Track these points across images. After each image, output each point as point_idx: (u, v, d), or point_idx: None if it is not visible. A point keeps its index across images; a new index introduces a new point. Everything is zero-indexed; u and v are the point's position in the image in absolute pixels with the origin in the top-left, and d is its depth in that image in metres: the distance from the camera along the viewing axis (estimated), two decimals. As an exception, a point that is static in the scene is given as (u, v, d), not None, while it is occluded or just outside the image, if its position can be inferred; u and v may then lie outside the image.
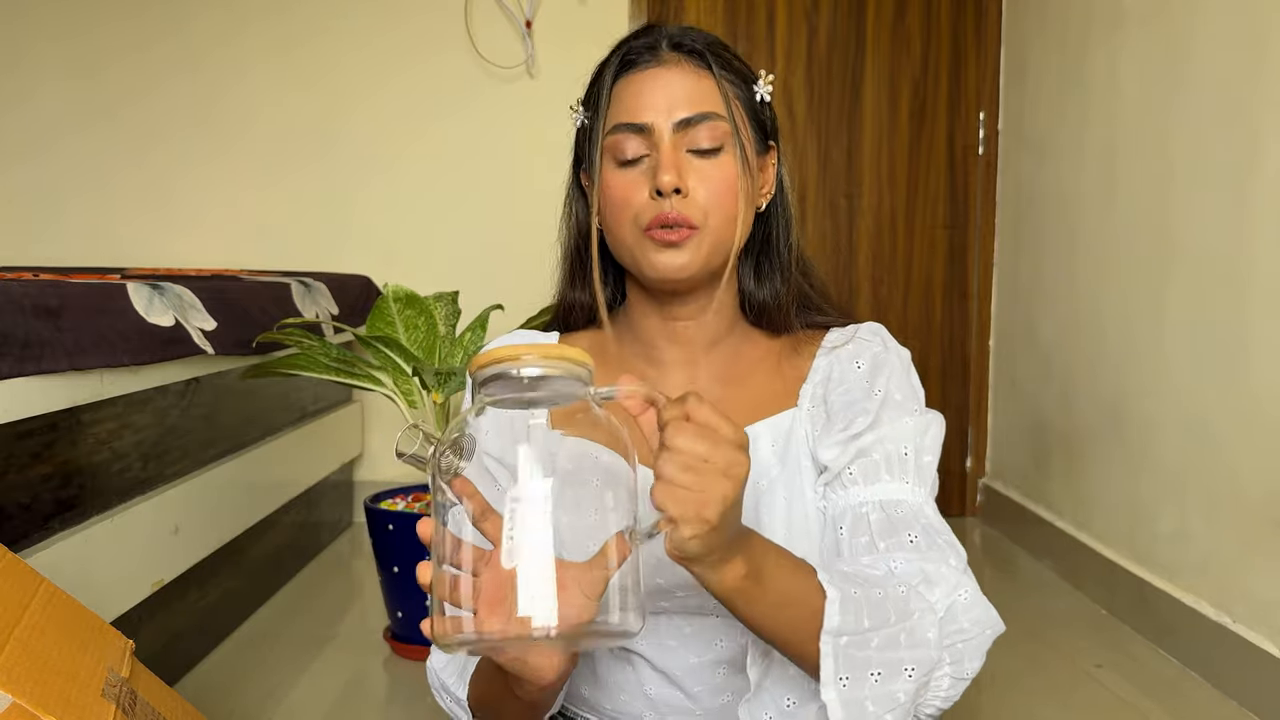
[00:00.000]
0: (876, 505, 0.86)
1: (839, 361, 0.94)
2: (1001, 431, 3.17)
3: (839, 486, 0.89)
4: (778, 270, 0.96)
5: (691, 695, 0.94)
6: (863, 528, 0.86)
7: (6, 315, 1.35)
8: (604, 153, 0.90)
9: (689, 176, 0.87)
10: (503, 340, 0.99)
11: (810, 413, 0.93)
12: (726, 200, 0.88)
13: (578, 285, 0.99)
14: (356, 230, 3.10)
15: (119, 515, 1.63)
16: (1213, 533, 2.00)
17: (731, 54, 0.92)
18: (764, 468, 0.91)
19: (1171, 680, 2.00)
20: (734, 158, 0.88)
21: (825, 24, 3.17)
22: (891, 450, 0.88)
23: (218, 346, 1.87)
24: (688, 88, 0.88)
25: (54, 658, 0.92)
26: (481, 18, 3.05)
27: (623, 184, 0.89)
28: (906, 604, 0.77)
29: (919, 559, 0.82)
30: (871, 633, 0.74)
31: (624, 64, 0.91)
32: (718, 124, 0.88)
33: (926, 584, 0.80)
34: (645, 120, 0.88)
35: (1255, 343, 1.87)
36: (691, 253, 0.87)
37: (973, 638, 0.80)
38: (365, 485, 3.02)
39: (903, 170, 3.22)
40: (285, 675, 1.98)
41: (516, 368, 0.63)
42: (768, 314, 0.96)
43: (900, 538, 0.84)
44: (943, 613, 0.79)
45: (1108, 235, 2.44)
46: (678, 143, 0.87)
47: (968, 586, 0.81)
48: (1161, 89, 2.21)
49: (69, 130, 3.09)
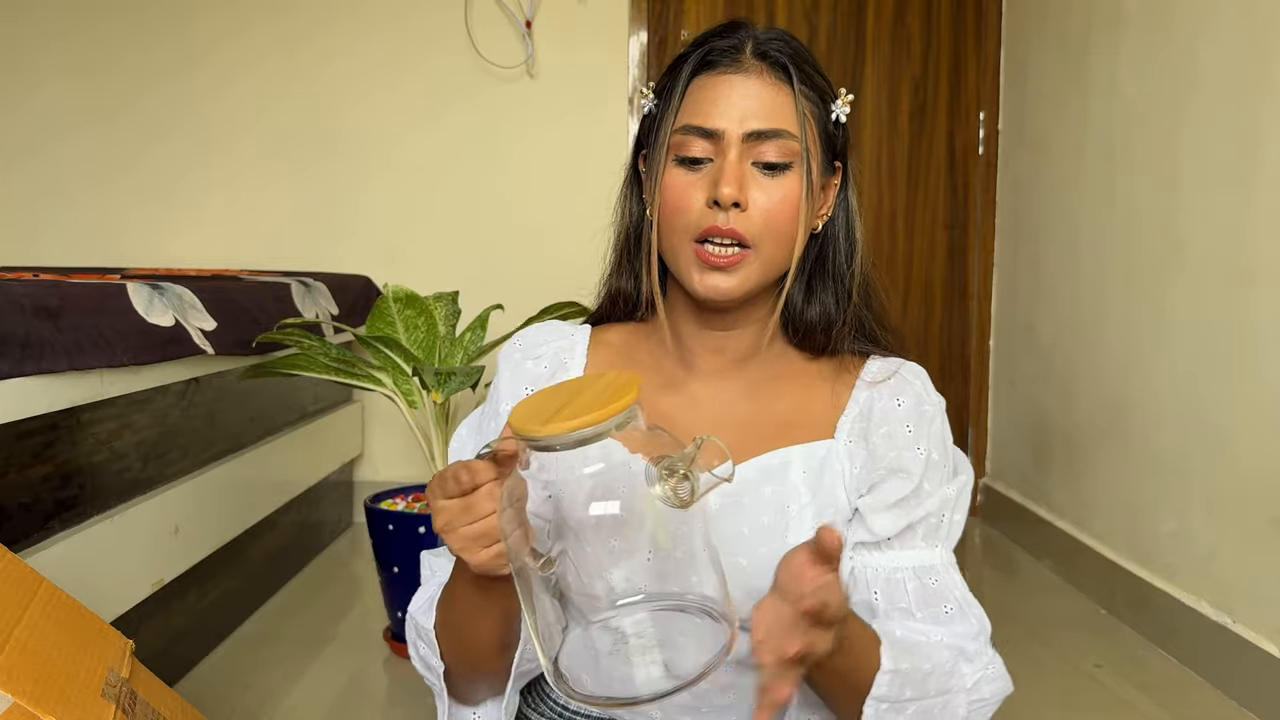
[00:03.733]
0: (912, 573, 0.90)
1: (880, 398, 0.92)
2: (1001, 431, 3.17)
3: (874, 549, 0.91)
4: (831, 292, 0.94)
5: (697, 692, 0.94)
6: (900, 595, 0.90)
7: (6, 315, 1.35)
8: (669, 150, 0.87)
9: (750, 189, 0.85)
10: (532, 336, 1.00)
11: (849, 449, 0.92)
12: (784, 220, 0.86)
13: (624, 275, 0.97)
14: (356, 230, 3.11)
15: (119, 515, 1.63)
16: (1213, 533, 2.00)
17: (814, 69, 0.89)
18: (794, 492, 0.90)
19: (1171, 680, 2.00)
20: (799, 178, 0.86)
21: (825, 24, 3.17)
22: (932, 522, 0.91)
23: (218, 346, 1.87)
24: (765, 99, 0.85)
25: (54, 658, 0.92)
26: (481, 18, 3.05)
27: (682, 186, 0.86)
28: (948, 681, 0.86)
29: (957, 635, 0.89)
30: (911, 702, 0.83)
31: (704, 63, 0.87)
32: (788, 142, 0.85)
33: (965, 659, 0.88)
34: (716, 126, 0.85)
35: (1255, 342, 1.87)
36: (741, 278, 0.86)
37: (989, 702, 0.89)
38: (365, 485, 3.02)
39: (903, 170, 3.22)
40: (285, 675, 1.98)
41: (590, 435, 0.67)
42: (812, 335, 0.94)
43: (936, 609, 0.89)
44: (970, 686, 0.87)
45: (1108, 235, 2.44)
46: (744, 153, 0.85)
47: (994, 663, 0.90)
48: (1162, 88, 2.21)
49: (69, 130, 3.09)
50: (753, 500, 0.89)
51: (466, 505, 0.73)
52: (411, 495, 2.23)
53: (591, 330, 1.01)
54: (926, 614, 0.89)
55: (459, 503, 0.73)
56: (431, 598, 0.92)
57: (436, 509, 0.74)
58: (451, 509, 0.73)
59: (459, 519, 0.73)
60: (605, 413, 0.66)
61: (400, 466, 3.07)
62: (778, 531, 0.88)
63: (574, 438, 0.66)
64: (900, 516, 0.89)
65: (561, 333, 1.01)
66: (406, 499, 2.20)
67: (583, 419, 0.66)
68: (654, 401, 0.93)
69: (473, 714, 0.95)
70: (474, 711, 0.95)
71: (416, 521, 2.02)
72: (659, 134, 0.89)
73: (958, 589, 0.91)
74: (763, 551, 0.87)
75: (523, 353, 0.99)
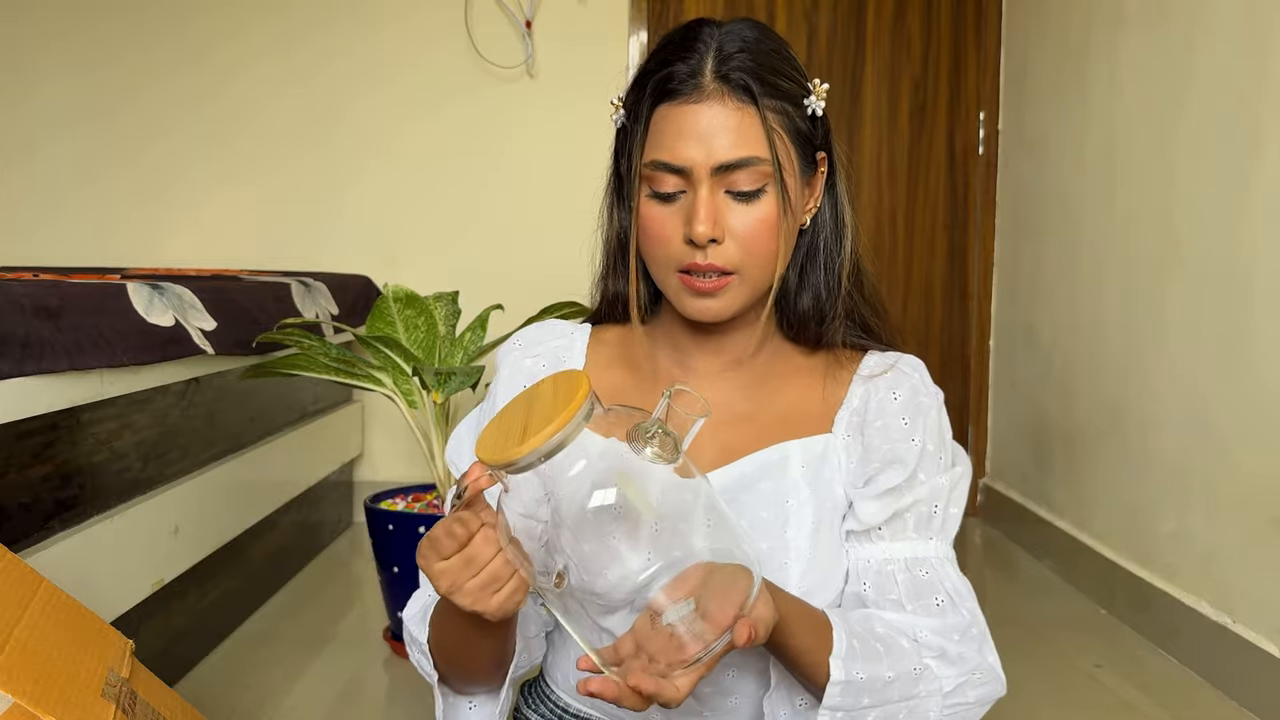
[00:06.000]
0: (902, 565, 0.89)
1: (876, 391, 0.92)
2: (1001, 431, 3.17)
3: (864, 540, 0.90)
4: (821, 279, 0.93)
5: (700, 696, 0.94)
6: (890, 587, 0.89)
7: (6, 315, 1.35)
8: (641, 181, 0.87)
9: (726, 219, 0.84)
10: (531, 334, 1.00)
11: (846, 443, 0.92)
12: (764, 243, 0.85)
13: (615, 278, 0.97)
14: (357, 230, 3.10)
15: (119, 515, 1.63)
16: (1213, 532, 2.00)
17: (781, 72, 0.86)
18: (793, 487, 0.90)
19: (1171, 680, 2.00)
20: (775, 196, 0.85)
21: (825, 24, 3.17)
22: (924, 510, 0.90)
23: (218, 346, 1.87)
24: (730, 127, 0.83)
25: (54, 658, 0.92)
26: (481, 17, 3.05)
27: (659, 220, 0.86)
28: (915, 685, 0.84)
29: (943, 630, 0.87)
30: (870, 709, 0.81)
31: (665, 92, 0.85)
32: (759, 167, 0.84)
33: (943, 661, 0.86)
34: (684, 163, 0.84)
35: (1256, 342, 1.87)
36: (727, 300, 0.86)
37: (973, 705, 0.87)
38: (365, 485, 3.02)
39: (903, 170, 3.22)
40: (285, 675, 1.98)
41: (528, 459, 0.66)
42: (807, 325, 0.94)
43: (927, 601, 0.88)
44: (950, 689, 0.85)
45: (1108, 235, 2.44)
46: (716, 185, 0.84)
47: (981, 667, 0.87)
48: (1162, 88, 2.21)
49: (69, 129, 3.09)
50: (752, 496, 0.89)
51: (468, 559, 0.72)
52: (411, 495, 2.23)
53: (591, 329, 1.01)
54: (917, 606, 0.88)
55: (458, 559, 0.72)
56: (425, 607, 0.92)
57: (436, 573, 0.73)
58: (453, 567, 0.72)
59: (463, 575, 0.72)
60: (569, 412, 0.66)
61: (400, 466, 3.07)
62: (776, 526, 0.88)
63: (551, 445, 0.66)
64: (889, 504, 0.89)
65: (561, 331, 1.01)
66: (406, 499, 2.20)
67: (552, 425, 0.65)
68: (652, 401, 0.93)
69: (469, 706, 0.95)
70: (470, 704, 0.95)
71: (416, 521, 2.02)
72: (631, 160, 0.88)
73: (949, 581, 0.89)
74: (763, 546, 0.87)
75: (521, 350, 0.99)
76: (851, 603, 0.90)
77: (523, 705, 1.05)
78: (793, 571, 0.88)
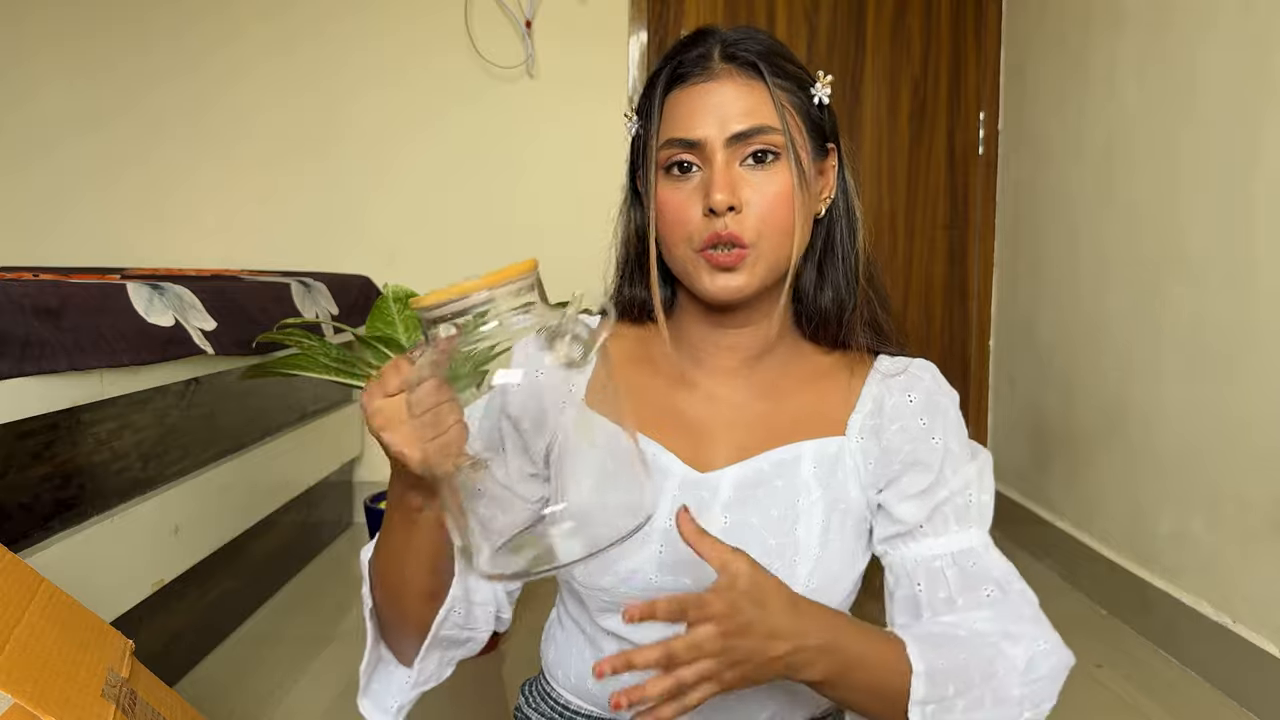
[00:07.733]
0: (950, 559, 0.90)
1: (890, 392, 0.93)
2: (1001, 431, 3.17)
3: (909, 540, 0.91)
4: (841, 275, 0.94)
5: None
6: (940, 584, 0.90)
7: (6, 315, 1.35)
8: (657, 167, 0.89)
9: (743, 190, 0.86)
10: None
11: (861, 445, 0.92)
12: (781, 214, 0.86)
13: (634, 284, 0.97)
14: (356, 230, 3.10)
15: (119, 515, 1.63)
16: (1213, 533, 2.00)
17: (787, 59, 0.90)
18: (804, 486, 0.91)
19: (1171, 680, 2.00)
20: (789, 168, 0.87)
21: (825, 24, 3.17)
22: (959, 502, 0.91)
23: (218, 346, 1.87)
24: (740, 100, 0.86)
25: (54, 658, 0.92)
26: (481, 18, 3.05)
27: (677, 201, 0.87)
28: (991, 665, 0.84)
29: (999, 617, 0.88)
30: (957, 698, 0.82)
31: (675, 77, 0.88)
32: (772, 135, 0.86)
33: (1010, 640, 0.87)
34: (697, 136, 0.86)
35: (1257, 341, 1.87)
36: (747, 275, 0.87)
37: (1050, 679, 0.88)
38: (365, 485, 3.02)
39: (903, 170, 3.22)
40: (285, 675, 1.98)
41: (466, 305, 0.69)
42: (826, 323, 0.94)
43: (978, 594, 0.89)
44: (1023, 666, 0.86)
45: (1108, 235, 2.44)
46: (731, 157, 0.86)
47: (1045, 637, 0.89)
48: (1161, 89, 2.21)
49: (69, 132, 3.09)
50: (765, 493, 0.90)
51: (410, 401, 0.71)
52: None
53: None
54: (968, 599, 0.89)
55: (401, 398, 0.71)
56: None
57: (374, 409, 0.72)
58: (391, 404, 0.72)
59: (400, 414, 0.71)
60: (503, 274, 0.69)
61: (400, 467, 3.06)
62: (787, 524, 0.89)
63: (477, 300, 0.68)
64: (925, 502, 0.90)
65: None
66: (406, 499, 2.20)
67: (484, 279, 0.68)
68: (669, 398, 0.94)
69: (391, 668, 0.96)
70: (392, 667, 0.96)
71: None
72: (646, 153, 0.90)
73: (996, 569, 0.90)
74: (772, 543, 0.88)
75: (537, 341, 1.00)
76: (906, 607, 0.91)
77: (523, 704, 1.05)
78: (800, 570, 0.88)
